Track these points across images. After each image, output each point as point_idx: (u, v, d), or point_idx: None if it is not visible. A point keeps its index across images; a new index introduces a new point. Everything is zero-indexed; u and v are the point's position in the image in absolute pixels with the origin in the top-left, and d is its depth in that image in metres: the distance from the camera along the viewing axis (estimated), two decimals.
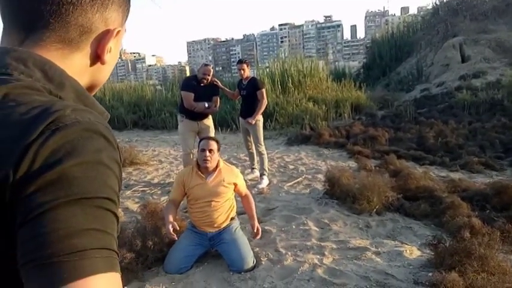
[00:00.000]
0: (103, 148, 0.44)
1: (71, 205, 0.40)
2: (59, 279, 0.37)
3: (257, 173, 5.13)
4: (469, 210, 3.36)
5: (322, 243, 3.07)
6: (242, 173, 3.96)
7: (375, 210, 3.65)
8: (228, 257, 2.79)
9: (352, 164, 5.71)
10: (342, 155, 6.48)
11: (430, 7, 19.96)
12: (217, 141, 3.02)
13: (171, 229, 2.63)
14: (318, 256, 2.84)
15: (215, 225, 2.89)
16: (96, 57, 0.57)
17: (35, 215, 0.39)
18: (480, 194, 3.70)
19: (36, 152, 0.40)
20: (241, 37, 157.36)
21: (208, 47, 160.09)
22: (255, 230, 3.02)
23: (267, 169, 5.05)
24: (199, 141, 3.11)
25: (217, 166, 2.96)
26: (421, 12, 28.83)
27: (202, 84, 4.73)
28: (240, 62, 5.00)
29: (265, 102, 4.88)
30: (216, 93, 4.86)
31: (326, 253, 2.88)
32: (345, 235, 3.24)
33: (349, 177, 4.22)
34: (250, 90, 4.86)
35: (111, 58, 0.59)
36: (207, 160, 2.88)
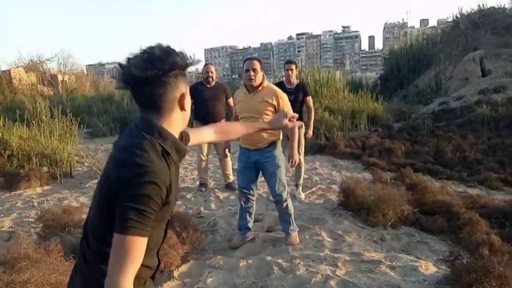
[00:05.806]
0: None
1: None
2: (126, 227, 0.97)
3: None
4: (488, 227, 3.28)
5: (335, 255, 3.04)
6: None
7: (389, 223, 3.60)
8: (268, 185, 3.35)
9: (368, 175, 5.65)
10: (357, 166, 6.43)
11: (450, 20, 19.75)
12: (259, 61, 3.21)
13: None
14: (331, 267, 2.81)
15: (255, 144, 3.15)
16: (182, 110, 1.15)
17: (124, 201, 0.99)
18: (499, 211, 3.61)
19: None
20: (259, 45, 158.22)
21: (226, 55, 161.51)
22: (292, 161, 3.23)
23: (302, 180, 4.73)
24: (244, 62, 3.20)
25: (261, 84, 3.16)
26: (441, 25, 28.51)
27: (208, 86, 4.83)
28: (289, 62, 4.60)
29: (314, 110, 4.78)
30: (228, 96, 4.88)
31: (339, 265, 2.85)
32: (358, 247, 3.19)
33: (364, 189, 4.17)
34: (298, 96, 4.46)
35: (187, 107, 1.17)
36: (252, 79, 3.09)
